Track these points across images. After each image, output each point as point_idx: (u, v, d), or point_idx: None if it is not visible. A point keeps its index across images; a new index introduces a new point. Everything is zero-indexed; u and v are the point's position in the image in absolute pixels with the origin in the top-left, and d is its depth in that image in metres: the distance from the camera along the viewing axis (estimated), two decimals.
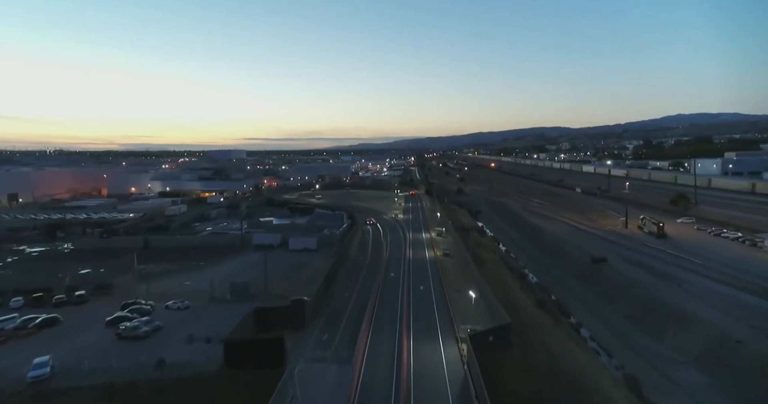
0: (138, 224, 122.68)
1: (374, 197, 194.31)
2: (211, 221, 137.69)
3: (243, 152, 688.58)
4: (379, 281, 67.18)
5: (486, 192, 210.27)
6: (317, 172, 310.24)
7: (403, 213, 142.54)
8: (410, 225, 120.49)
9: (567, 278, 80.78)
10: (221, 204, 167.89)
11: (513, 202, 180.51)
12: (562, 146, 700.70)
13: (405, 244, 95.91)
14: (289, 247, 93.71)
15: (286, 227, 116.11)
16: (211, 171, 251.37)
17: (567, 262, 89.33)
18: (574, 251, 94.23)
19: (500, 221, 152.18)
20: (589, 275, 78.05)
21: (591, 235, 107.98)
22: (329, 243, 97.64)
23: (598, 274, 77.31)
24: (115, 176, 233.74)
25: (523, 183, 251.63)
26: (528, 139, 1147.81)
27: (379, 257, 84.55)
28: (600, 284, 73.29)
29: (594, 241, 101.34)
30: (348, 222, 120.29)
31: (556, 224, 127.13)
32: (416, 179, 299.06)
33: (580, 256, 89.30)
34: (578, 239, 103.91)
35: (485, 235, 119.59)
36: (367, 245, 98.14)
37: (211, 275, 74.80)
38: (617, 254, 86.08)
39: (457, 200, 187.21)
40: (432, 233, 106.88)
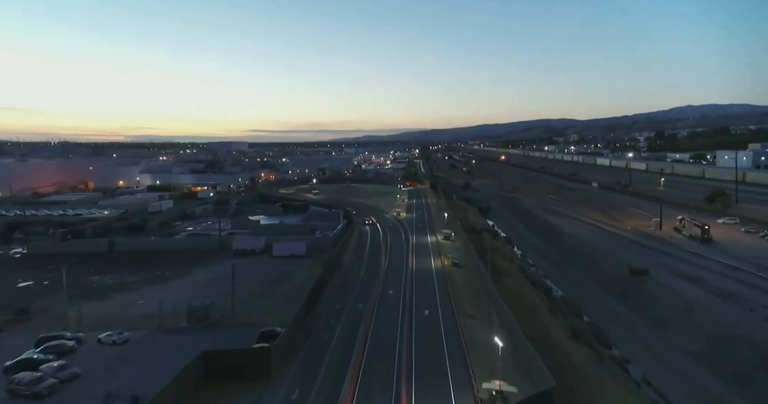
0: (110, 223, 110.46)
1: (376, 192, 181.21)
2: (194, 220, 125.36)
3: (245, 143, 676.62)
4: (374, 302, 54.41)
5: (495, 187, 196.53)
6: (318, 165, 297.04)
7: (406, 211, 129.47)
8: (414, 226, 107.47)
9: (600, 294, 67.52)
10: (209, 200, 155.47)
11: (525, 198, 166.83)
12: (570, 138, 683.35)
13: (407, 250, 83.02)
14: (273, 253, 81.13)
15: (274, 228, 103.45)
16: (205, 164, 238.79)
17: (597, 272, 76.01)
18: (605, 258, 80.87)
19: (513, 219, 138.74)
20: (628, 292, 64.79)
21: (620, 238, 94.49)
22: (321, 248, 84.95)
23: (640, 290, 64.06)
24: (103, 169, 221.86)
25: (535, 177, 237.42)
26: (534, 131, 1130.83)
27: (376, 267, 71.72)
28: (645, 303, 60.04)
29: (625, 246, 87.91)
30: (344, 222, 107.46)
31: (577, 224, 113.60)
32: (421, 172, 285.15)
33: (614, 265, 75.95)
34: (606, 244, 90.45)
35: (498, 237, 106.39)
36: (364, 250, 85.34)
37: (178, 288, 62.60)
38: (658, 264, 72.71)
39: (465, 196, 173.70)
40: (438, 236, 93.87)
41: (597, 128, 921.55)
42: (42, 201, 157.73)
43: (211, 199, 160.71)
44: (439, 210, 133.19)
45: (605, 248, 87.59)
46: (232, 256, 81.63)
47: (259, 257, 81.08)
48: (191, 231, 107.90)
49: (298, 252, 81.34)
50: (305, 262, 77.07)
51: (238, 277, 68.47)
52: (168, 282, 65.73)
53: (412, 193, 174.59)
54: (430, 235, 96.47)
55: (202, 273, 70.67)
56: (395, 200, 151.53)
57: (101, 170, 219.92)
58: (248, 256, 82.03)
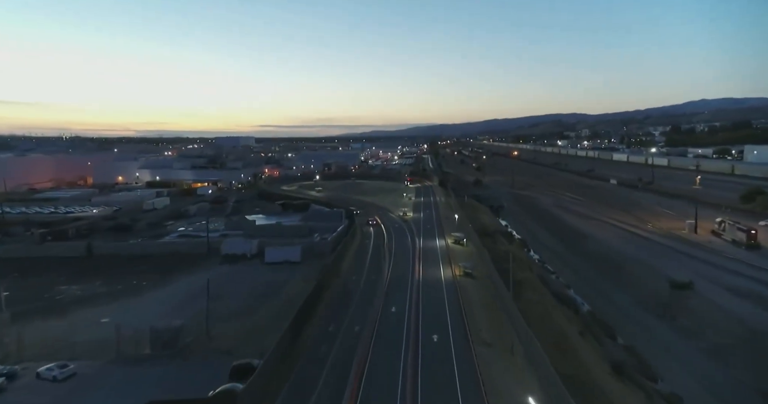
0: (97, 223, 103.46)
1: (381, 189, 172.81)
2: (188, 219, 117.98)
3: (251, 138, 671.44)
4: (373, 324, 46.22)
5: (508, 184, 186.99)
6: (323, 160, 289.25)
7: (413, 211, 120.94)
8: (421, 227, 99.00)
9: (635, 311, 58.49)
10: (206, 198, 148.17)
11: (540, 196, 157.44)
12: (582, 133, 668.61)
13: (413, 256, 74.65)
14: (265, 259, 73.28)
15: (270, 230, 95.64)
16: (206, 159, 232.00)
17: (629, 283, 66.94)
18: (636, 266, 71.80)
19: (527, 219, 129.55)
20: (670, 310, 55.72)
21: (650, 243, 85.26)
22: (318, 253, 77.02)
23: (685, 308, 55.07)
24: (101, 165, 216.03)
25: (548, 173, 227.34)
26: (544, 125, 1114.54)
27: (378, 277, 63.51)
28: (693, 326, 51.03)
29: (657, 252, 78.71)
30: (345, 223, 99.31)
31: (599, 225, 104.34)
32: (429, 168, 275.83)
33: (648, 275, 66.92)
34: (635, 249, 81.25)
35: (512, 239, 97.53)
36: (366, 256, 77.16)
37: (151, 302, 55.05)
38: (700, 275, 63.62)
39: (475, 194, 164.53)
40: (448, 240, 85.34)
41: (609, 123, 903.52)
42: (34, 198, 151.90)
43: (209, 196, 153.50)
44: (449, 209, 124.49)
45: (635, 254, 78.44)
46: (221, 261, 74.05)
47: (250, 264, 73.33)
48: (183, 232, 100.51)
49: (293, 258, 73.46)
50: (300, 269, 69.22)
51: (222, 288, 60.86)
52: (142, 294, 58.15)
53: (419, 190, 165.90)
54: (439, 238, 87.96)
55: (183, 283, 62.99)
56: (402, 198, 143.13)
57: (100, 165, 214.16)
58: (238, 262, 74.31)
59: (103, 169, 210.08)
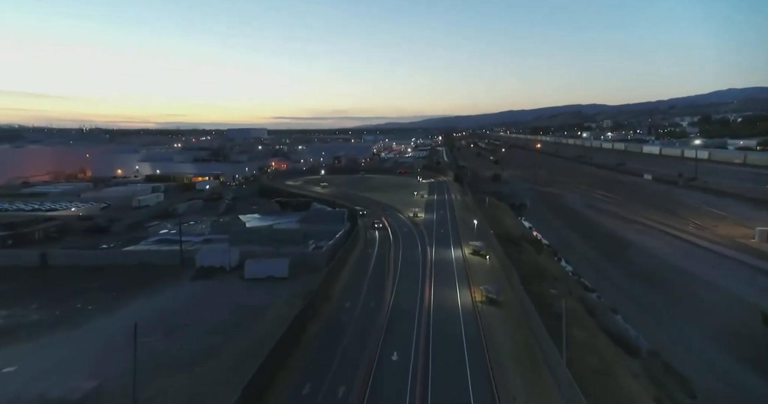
0: (70, 223, 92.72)
1: (392, 184, 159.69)
2: (177, 219, 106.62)
3: (264, 130, 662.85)
4: (365, 383, 33.52)
5: (529, 179, 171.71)
6: (333, 153, 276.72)
7: (426, 211, 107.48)
8: (434, 232, 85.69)
9: (722, 360, 44.24)
10: (199, 194, 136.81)
11: (566, 193, 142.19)
12: (604, 124, 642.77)
13: (424, 272, 61.53)
14: (245, 274, 61.02)
15: (260, 234, 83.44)
16: (208, 152, 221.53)
17: (699, 314, 52.74)
18: (705, 289, 57.44)
19: (554, 220, 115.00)
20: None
21: (714, 256, 70.41)
22: (311, 265, 64.55)
23: None
24: (100, 157, 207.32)
25: (573, 167, 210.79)
26: (563, 117, 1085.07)
27: (378, 304, 50.62)
28: None
29: (728, 269, 64.00)
30: (347, 226, 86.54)
31: (643, 231, 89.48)
32: (443, 161, 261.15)
33: (725, 303, 52.58)
34: (698, 264, 66.53)
35: (541, 247, 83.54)
36: (366, 271, 64.29)
37: (84, 339, 43.37)
38: None
39: (494, 190, 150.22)
40: (466, 250, 71.87)
41: (631, 114, 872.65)
42: (22, 193, 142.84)
43: (204, 193, 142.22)
44: (465, 209, 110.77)
45: (698, 270, 63.86)
46: (193, 276, 62.01)
47: (227, 279, 61.16)
48: (165, 235, 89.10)
49: (279, 273, 61.03)
50: (286, 287, 56.90)
51: (184, 315, 48.81)
52: (81, 325, 46.36)
53: (433, 186, 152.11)
54: (455, 247, 74.50)
55: (138, 308, 51.09)
56: (413, 195, 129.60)
57: (99, 158, 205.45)
58: (214, 276, 62.22)
59: (101, 162, 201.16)
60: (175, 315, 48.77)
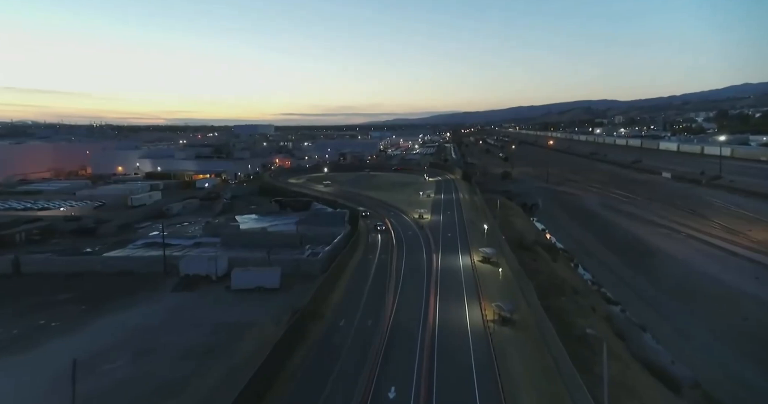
0: (56, 224, 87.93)
1: (398, 182, 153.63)
2: (170, 219, 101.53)
3: (271, 127, 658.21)
4: None
5: (541, 177, 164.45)
6: (339, 149, 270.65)
7: (432, 211, 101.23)
8: (441, 236, 79.50)
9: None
10: (196, 193, 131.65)
11: (581, 192, 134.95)
12: (616, 120, 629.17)
13: (428, 283, 55.48)
14: (231, 284, 55.45)
15: (254, 237, 77.95)
16: (211, 149, 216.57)
17: (747, 335, 46.10)
18: (750, 305, 50.68)
19: (569, 222, 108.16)
20: None
21: (751, 264, 63.42)
22: (305, 273, 58.89)
23: None
24: (100, 154, 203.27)
25: (586, 165, 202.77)
26: (573, 112, 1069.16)
27: (376, 322, 44.69)
28: None
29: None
30: (347, 229, 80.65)
31: (669, 236, 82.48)
32: (451, 158, 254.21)
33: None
34: (741, 278, 59.50)
35: (557, 253, 77.00)
36: (365, 281, 58.39)
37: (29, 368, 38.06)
38: None
39: (504, 189, 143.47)
40: (475, 257, 65.63)
41: (643, 109, 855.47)
42: (16, 191, 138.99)
43: (202, 191, 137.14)
44: (474, 210, 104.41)
45: (735, 283, 56.97)
46: (174, 286, 56.54)
47: (212, 290, 55.65)
48: (154, 238, 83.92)
49: (269, 284, 55.40)
50: (277, 300, 51.35)
51: (159, 335, 43.30)
52: (35, 347, 41.02)
53: (440, 185, 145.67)
54: (463, 254, 68.28)
55: (108, 323, 45.76)
56: (419, 194, 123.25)
57: (99, 154, 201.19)
58: (198, 286, 56.75)
59: (101, 158, 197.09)
60: (147, 334, 43.34)
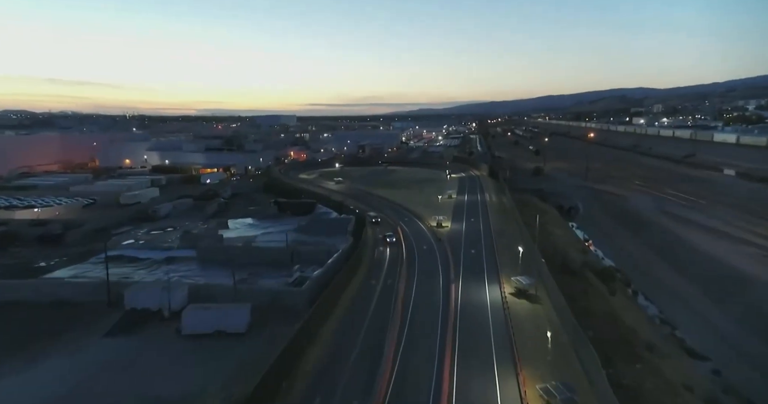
0: (20, 230, 77.15)
1: (416, 179, 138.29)
2: (157, 223, 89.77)
3: (293, 117, 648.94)
4: None
5: (578, 174, 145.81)
6: (358, 141, 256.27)
7: (454, 218, 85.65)
8: (462, 253, 64.20)
9: None
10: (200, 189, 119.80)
11: (628, 193, 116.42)
12: (654, 109, 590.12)
13: (443, 336, 40.50)
14: (182, 328, 42.09)
15: (238, 253, 64.68)
16: (221, 141, 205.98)
17: None
18: None
19: (618, 231, 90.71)
20: None
21: None
22: (286, 308, 45.23)
23: None
24: (108, 146, 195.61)
25: (629, 159, 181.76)
26: (606, 101, 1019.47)
27: (368, 393, 30.49)
28: None
29: None
30: (349, 241, 66.43)
31: (763, 256, 64.61)
32: (477, 151, 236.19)
33: None
34: None
35: (612, 279, 60.51)
36: (362, 322, 44.01)
37: None
38: None
39: (537, 188, 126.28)
40: (506, 288, 50.20)
41: (684, 97, 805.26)
42: (10, 186, 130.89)
43: (204, 187, 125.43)
44: (502, 213, 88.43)
45: None
46: (112, 327, 43.59)
47: (159, 334, 42.48)
48: (125, 248, 71.97)
49: (232, 327, 41.90)
50: (237, 354, 37.85)
51: None
52: None
53: (463, 183, 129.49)
54: (490, 281, 52.93)
55: None
56: (440, 195, 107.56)
57: (106, 146, 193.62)
58: (144, 326, 43.72)
59: (109, 151, 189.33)
60: None
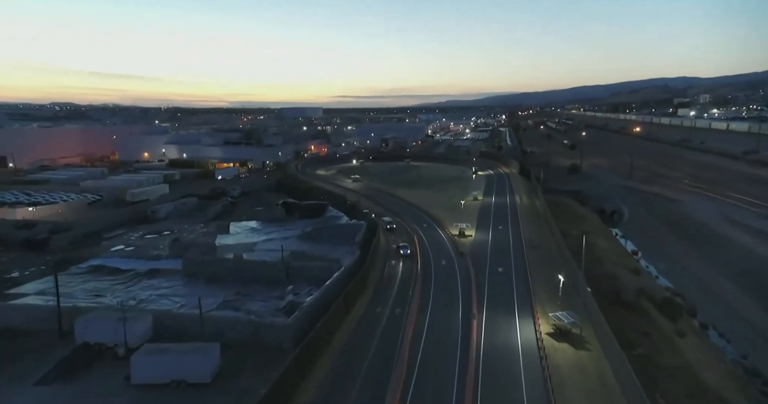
0: (7, 233, 71.61)
1: (440, 177, 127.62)
2: (155, 225, 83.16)
3: (319, 109, 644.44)
4: None
5: (620, 172, 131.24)
6: (382, 134, 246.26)
7: (478, 226, 74.87)
8: (488, 272, 53.80)
9: None
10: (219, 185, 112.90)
11: (684, 196, 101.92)
12: (701, 99, 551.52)
13: (459, 390, 30.71)
14: (132, 376, 33.81)
15: (224, 266, 56.55)
16: (240, 135, 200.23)
17: None
18: None
19: (672, 242, 77.63)
20: None
21: None
22: (270, 345, 36.57)
23: None
24: (126, 139, 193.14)
25: (678, 155, 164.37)
26: (646, 92, 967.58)
27: None
28: None
29: None
30: (356, 256, 57.10)
31: None
32: (506, 145, 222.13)
33: None
34: None
35: (677, 311, 48.76)
36: (358, 371, 34.63)
37: None
38: None
39: (574, 189, 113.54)
40: (544, 324, 39.68)
41: (734, 87, 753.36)
42: (22, 180, 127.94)
43: (222, 183, 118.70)
44: (534, 218, 77.03)
45: None
46: (50, 370, 35.77)
47: (105, 381, 34.39)
48: (109, 256, 65.22)
49: (194, 376, 33.41)
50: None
51: None
52: None
53: (490, 182, 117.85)
54: (521, 315, 42.43)
55: None
56: (464, 197, 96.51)
57: (125, 139, 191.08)
58: (90, 369, 35.78)
59: (127, 144, 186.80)
60: None
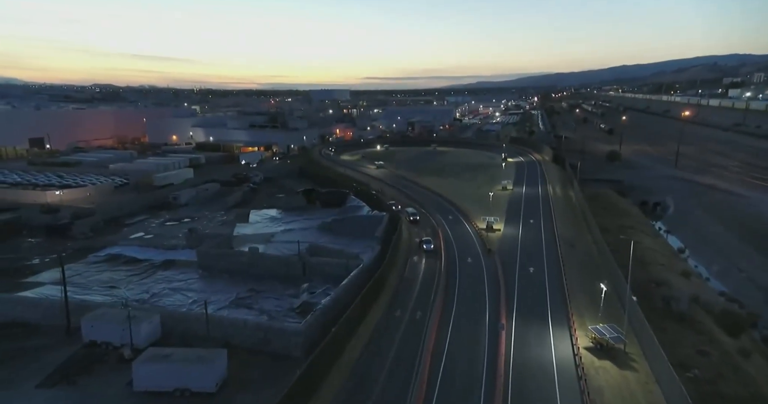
0: (27, 218, 71.93)
1: (468, 164, 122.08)
2: (174, 211, 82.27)
3: (347, 92, 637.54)
4: None
5: (663, 160, 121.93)
6: (408, 117, 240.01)
7: (508, 220, 69.98)
8: (518, 275, 49.48)
9: None
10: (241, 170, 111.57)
11: (742, 187, 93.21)
12: (755, 79, 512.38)
13: None
14: (133, 383, 31.96)
15: (240, 261, 54.45)
16: (265, 118, 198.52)
17: None
18: None
19: (729, 241, 70.58)
20: None
21: None
22: (279, 353, 34.07)
23: None
24: (156, 122, 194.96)
25: (733, 142, 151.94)
26: (693, 70, 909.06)
27: None
28: None
29: None
30: (376, 252, 53.84)
31: None
32: (538, 129, 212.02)
33: None
34: None
35: (738, 327, 43.23)
36: (377, 379, 31.63)
37: None
38: None
39: (613, 179, 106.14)
40: (581, 339, 35.36)
41: None
42: (54, 162, 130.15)
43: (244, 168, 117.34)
44: (571, 213, 71.44)
45: None
46: (51, 374, 34.38)
47: (107, 387, 32.76)
48: (129, 243, 64.40)
49: (197, 384, 31.32)
50: None
51: None
52: None
53: (521, 170, 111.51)
54: (556, 325, 38.19)
55: None
56: (492, 186, 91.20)
57: (154, 122, 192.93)
58: (95, 372, 34.28)
59: (157, 126, 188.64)
60: None
